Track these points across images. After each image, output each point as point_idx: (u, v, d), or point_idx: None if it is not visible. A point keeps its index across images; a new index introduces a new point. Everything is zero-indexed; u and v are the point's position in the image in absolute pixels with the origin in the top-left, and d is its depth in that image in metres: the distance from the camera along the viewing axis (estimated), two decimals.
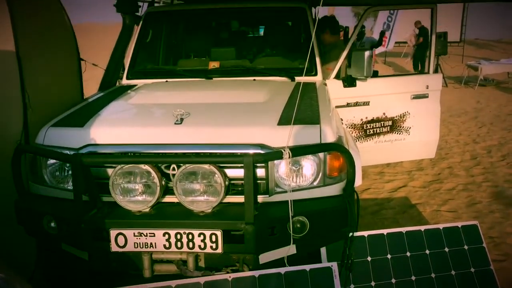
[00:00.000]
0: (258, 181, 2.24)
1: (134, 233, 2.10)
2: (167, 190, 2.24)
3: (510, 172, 5.16)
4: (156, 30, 4.03)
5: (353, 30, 4.06)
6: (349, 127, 3.77)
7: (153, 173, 2.14)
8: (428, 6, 3.94)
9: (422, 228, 2.59)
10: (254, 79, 3.39)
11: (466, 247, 2.56)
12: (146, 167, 2.14)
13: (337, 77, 3.70)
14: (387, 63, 18.41)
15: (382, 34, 8.21)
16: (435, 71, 11.88)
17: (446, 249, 2.53)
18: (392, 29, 15.30)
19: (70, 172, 2.28)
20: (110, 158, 2.23)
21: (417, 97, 3.89)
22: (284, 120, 2.37)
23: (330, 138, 2.31)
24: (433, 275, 2.43)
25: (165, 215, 2.17)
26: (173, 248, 2.10)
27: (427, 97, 3.91)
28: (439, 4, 3.90)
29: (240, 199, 2.16)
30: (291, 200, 2.14)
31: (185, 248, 2.09)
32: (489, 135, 6.99)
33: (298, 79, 3.41)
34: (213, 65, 3.63)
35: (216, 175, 2.14)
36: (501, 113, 8.77)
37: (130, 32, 3.70)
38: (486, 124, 7.81)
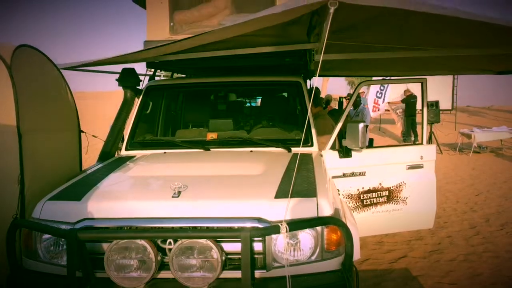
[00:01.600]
0: (255, 256, 2.22)
1: None
2: (162, 266, 2.21)
3: (510, 241, 5.10)
4: (156, 102, 4.16)
5: (348, 102, 4.19)
6: (346, 198, 3.78)
7: (149, 248, 2.12)
8: (419, 80, 4.11)
9: None
10: (251, 151, 3.45)
11: None
12: (142, 242, 2.12)
13: (333, 147, 3.76)
14: (381, 130, 18.77)
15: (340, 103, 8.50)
16: (429, 139, 12.16)
17: None
18: (384, 97, 15.79)
19: (65, 247, 2.25)
20: (106, 233, 2.22)
21: (412, 167, 3.94)
22: (281, 193, 2.38)
23: (327, 211, 2.32)
24: None
25: None
26: None
27: (422, 167, 3.96)
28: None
29: (237, 274, 2.12)
30: (289, 276, 2.10)
31: None
32: (486, 203, 6.98)
33: (294, 150, 3.47)
34: (211, 136, 3.70)
35: (213, 250, 2.12)
36: (497, 181, 8.81)
37: (131, 105, 3.81)
38: (483, 192, 7.82)
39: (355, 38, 3.60)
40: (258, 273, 2.21)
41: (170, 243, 2.20)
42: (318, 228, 2.27)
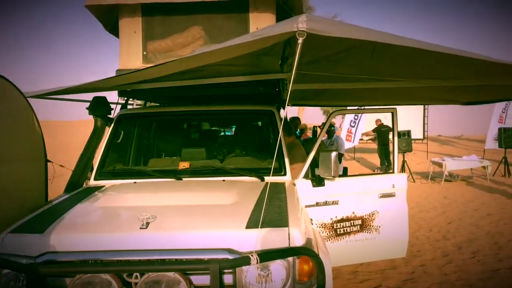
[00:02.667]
0: None
1: None
2: None
3: (482, 269, 5.14)
4: (128, 131, 4.10)
5: (320, 131, 4.23)
6: (320, 227, 3.76)
7: (114, 283, 2.04)
8: (389, 110, 4.19)
9: None
10: (224, 180, 3.42)
11: None
12: (107, 276, 2.04)
13: (306, 176, 3.76)
14: (356, 159, 19.00)
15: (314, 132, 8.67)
16: (402, 167, 12.36)
17: None
18: (357, 127, 16.10)
19: (25, 283, 2.14)
20: (68, 267, 2.12)
21: (384, 196, 3.96)
22: (252, 223, 2.35)
23: (298, 241, 2.29)
24: None
25: None
26: None
27: (394, 196, 3.99)
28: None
29: None
30: None
31: None
32: (458, 231, 7.07)
33: (267, 179, 3.45)
34: (183, 165, 3.65)
35: (181, 284, 2.06)
36: (468, 209, 8.96)
37: (101, 134, 3.75)
38: (455, 220, 7.93)
39: (327, 69, 3.67)
40: None
41: (136, 276, 2.12)
42: (290, 258, 2.23)
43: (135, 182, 3.42)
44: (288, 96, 2.65)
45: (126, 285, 2.12)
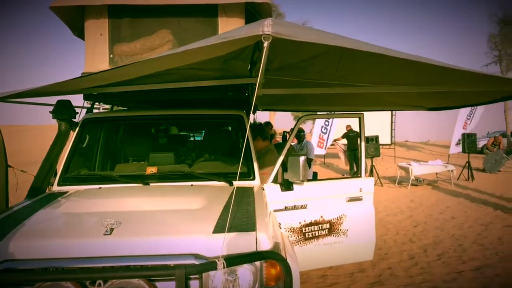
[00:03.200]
0: None
1: None
2: None
3: (446, 271, 5.28)
4: (94, 136, 4.01)
5: (289, 136, 4.25)
6: (288, 231, 3.77)
7: None
8: (356, 115, 4.26)
9: None
10: (192, 184, 3.39)
11: None
12: (68, 284, 1.98)
13: (275, 181, 3.77)
14: (326, 164, 19.23)
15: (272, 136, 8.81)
16: (370, 172, 12.59)
17: None
18: (329, 134, 16.26)
19: None
20: (28, 275, 2.05)
21: (352, 200, 4.02)
22: (219, 228, 2.33)
23: (266, 245, 2.29)
24: None
25: None
26: None
27: (362, 199, 4.05)
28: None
29: None
30: None
31: None
32: (424, 234, 7.23)
33: (236, 183, 3.44)
34: (151, 170, 3.60)
35: None
36: (433, 212, 9.19)
37: (65, 138, 3.65)
38: (421, 223, 8.11)
39: (296, 75, 3.71)
40: None
41: (100, 284, 2.06)
42: (257, 263, 2.23)
43: (100, 188, 3.34)
44: (254, 99, 2.66)
45: None
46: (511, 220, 8.17)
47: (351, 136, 14.66)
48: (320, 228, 3.91)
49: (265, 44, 1.77)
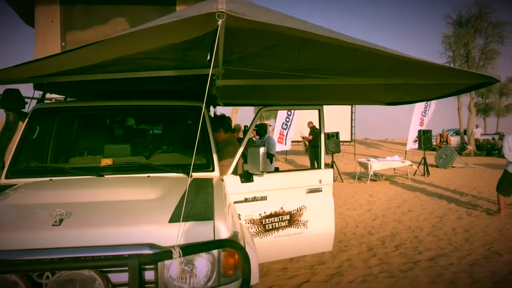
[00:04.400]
0: (147, 286, 2.06)
1: None
2: None
3: (403, 261, 5.41)
4: (44, 127, 3.83)
5: (249, 127, 4.22)
6: (248, 223, 3.74)
7: (21, 284, 1.87)
8: (315, 107, 4.28)
9: None
10: (149, 176, 3.29)
11: None
12: (13, 277, 1.86)
13: (234, 173, 3.73)
14: (287, 161, 19.37)
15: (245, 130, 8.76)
16: (331, 167, 12.77)
17: None
18: (288, 129, 16.41)
19: None
20: None
21: (311, 191, 4.03)
22: (176, 217, 2.26)
23: (224, 234, 2.24)
24: None
25: None
26: None
27: (321, 191, 4.07)
28: (332, 108, 4.25)
29: None
30: None
31: None
32: (382, 227, 7.39)
33: (195, 175, 3.38)
34: (106, 162, 3.47)
35: (97, 282, 1.92)
36: (391, 206, 9.42)
37: (13, 129, 3.46)
38: (379, 216, 8.29)
39: (257, 65, 3.67)
40: None
41: (48, 277, 1.96)
42: (215, 252, 2.18)
43: (50, 180, 3.19)
44: (212, 90, 2.60)
45: (36, 287, 1.94)
46: (464, 212, 8.50)
47: (316, 133, 14.82)
48: (280, 219, 3.90)
49: (219, 23, 1.72)
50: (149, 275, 2.07)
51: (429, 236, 6.68)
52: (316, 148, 14.60)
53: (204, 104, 2.90)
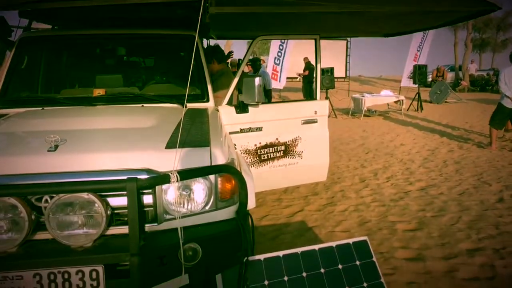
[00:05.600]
0: (146, 209, 2.09)
1: None
2: (39, 226, 1.98)
3: (394, 191, 5.55)
4: (33, 56, 3.71)
5: (243, 59, 4.13)
6: (244, 153, 3.76)
7: (20, 207, 1.88)
8: (312, 37, 4.17)
9: (317, 247, 2.60)
10: (143, 105, 3.25)
11: (358, 262, 2.62)
12: (12, 200, 1.87)
13: (229, 104, 3.69)
14: (282, 97, 19.29)
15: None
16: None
17: (340, 266, 2.56)
18: (282, 65, 16.13)
19: None
20: None
21: (307, 122, 4.03)
22: (172, 144, 2.25)
23: (221, 160, 2.24)
24: None
25: (36, 253, 1.90)
26: None
27: (316, 122, 4.07)
28: (327, 43, 4.14)
29: (126, 230, 1.97)
30: (180, 227, 2.01)
31: None
32: (374, 160, 7.51)
33: (189, 105, 3.34)
34: (98, 92, 3.41)
35: (96, 205, 1.94)
36: (384, 140, 9.53)
37: (1, 59, 3.35)
38: (372, 150, 8.40)
39: None
40: (148, 227, 2.08)
41: (46, 200, 1.97)
42: (212, 177, 2.19)
43: (43, 109, 3.14)
44: (206, 18, 2.49)
45: (35, 210, 1.97)
46: (456, 146, 8.63)
47: (311, 69, 14.63)
48: (276, 150, 3.92)
49: None
50: (146, 199, 2.09)
51: (421, 168, 6.81)
52: (311, 84, 14.49)
53: (197, 33, 2.81)
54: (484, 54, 43.39)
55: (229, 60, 7.29)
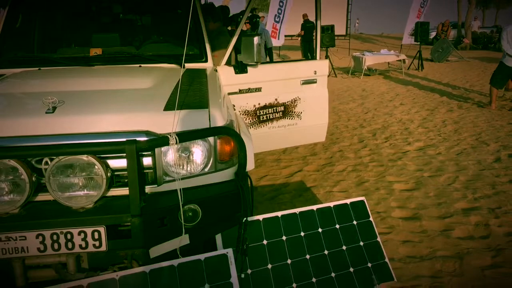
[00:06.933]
0: (145, 171, 2.10)
1: (0, 238, 1.84)
2: (40, 188, 2.00)
3: (392, 152, 5.58)
4: (28, 15, 3.62)
5: (242, 16, 4.02)
6: (243, 114, 3.75)
7: (21, 169, 1.89)
8: None
9: (314, 207, 2.65)
10: (140, 66, 3.20)
11: (355, 222, 2.67)
12: (12, 162, 1.88)
13: (228, 64, 3.64)
14: (281, 56, 19.02)
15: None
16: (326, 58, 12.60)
17: (337, 226, 2.61)
18: (281, 22, 15.81)
19: None
20: None
21: (306, 82, 3.98)
22: (171, 106, 2.24)
23: (219, 122, 2.24)
24: (326, 252, 2.49)
25: (38, 215, 1.93)
26: (49, 251, 1.88)
27: (316, 82, 4.02)
28: (327, 0, 4.02)
29: (126, 191, 1.99)
30: (180, 189, 2.04)
31: (63, 250, 1.88)
32: (373, 120, 7.51)
33: (188, 65, 3.29)
34: (95, 52, 3.35)
35: (96, 167, 1.95)
36: (383, 100, 9.48)
37: None
38: (371, 110, 8.38)
39: None
40: (148, 188, 2.10)
41: (46, 162, 1.98)
42: (211, 139, 2.19)
43: (39, 69, 3.10)
44: None
45: (35, 172, 1.98)
46: (455, 105, 8.60)
47: (308, 27, 14.33)
48: (275, 110, 3.90)
49: None
50: (146, 161, 2.10)
51: (419, 128, 6.82)
52: (309, 42, 14.25)
53: None
54: (487, 11, 42.48)
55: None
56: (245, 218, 2.24)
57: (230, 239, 2.33)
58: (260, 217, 2.50)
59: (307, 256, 2.44)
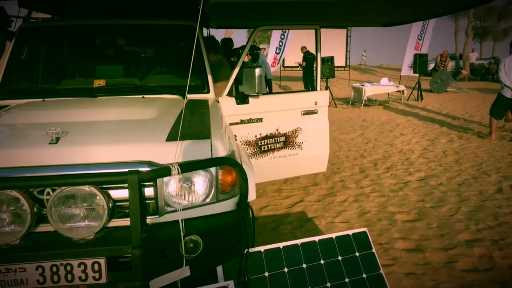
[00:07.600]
0: (147, 201, 2.10)
1: (0, 270, 1.82)
2: (41, 219, 2.00)
3: (394, 182, 5.57)
4: (33, 47, 3.69)
5: (244, 49, 4.11)
6: (244, 144, 3.77)
7: (22, 200, 1.89)
8: (312, 27, 4.14)
9: (316, 238, 2.62)
10: (143, 97, 3.25)
11: (357, 254, 2.64)
12: (14, 193, 1.88)
13: (229, 95, 3.69)
14: (282, 87, 19.23)
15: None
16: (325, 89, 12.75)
17: (339, 258, 2.58)
18: (282, 53, 16.14)
19: None
20: None
21: (307, 113, 4.03)
22: (173, 136, 2.26)
23: (221, 152, 2.25)
24: (328, 284, 2.45)
25: (39, 246, 1.92)
26: (49, 283, 1.85)
27: (316, 113, 4.07)
28: (327, 32, 4.12)
29: (128, 222, 1.98)
30: (182, 219, 2.03)
31: (63, 282, 1.86)
32: (374, 150, 7.52)
33: (190, 96, 3.34)
34: (99, 83, 3.41)
35: (98, 197, 1.95)
36: (383, 130, 9.52)
37: (1, 49, 3.34)
38: (372, 140, 8.41)
39: None
40: (150, 219, 2.10)
41: (48, 193, 1.98)
42: (213, 169, 2.20)
43: (43, 100, 3.14)
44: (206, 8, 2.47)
45: (37, 203, 1.98)
46: (456, 136, 8.63)
47: (309, 58, 14.57)
48: (276, 141, 3.93)
49: None
50: (148, 191, 2.10)
51: (420, 158, 6.83)
52: (310, 73, 14.46)
53: (198, 24, 2.79)
54: (485, 43, 43.21)
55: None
56: (246, 250, 2.22)
57: (231, 271, 2.31)
58: (262, 248, 2.47)
59: None
